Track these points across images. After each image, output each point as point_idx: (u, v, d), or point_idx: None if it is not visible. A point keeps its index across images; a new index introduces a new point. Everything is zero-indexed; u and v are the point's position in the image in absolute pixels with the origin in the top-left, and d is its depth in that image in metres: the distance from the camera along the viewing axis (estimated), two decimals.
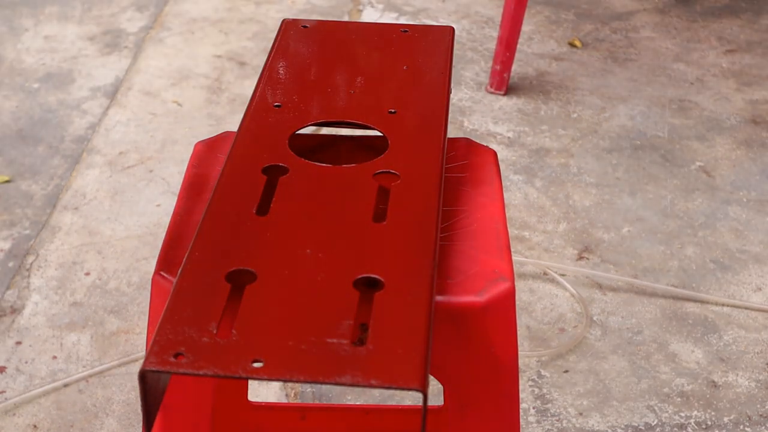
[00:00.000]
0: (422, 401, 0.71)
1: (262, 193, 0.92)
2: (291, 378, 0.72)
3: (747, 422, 1.59)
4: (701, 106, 2.48)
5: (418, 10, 2.91)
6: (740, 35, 2.83)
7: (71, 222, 2.02)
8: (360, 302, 0.79)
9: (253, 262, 0.83)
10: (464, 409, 0.95)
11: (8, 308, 1.79)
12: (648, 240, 2.00)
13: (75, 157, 2.23)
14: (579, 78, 2.59)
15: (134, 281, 1.86)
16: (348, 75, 1.14)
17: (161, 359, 0.73)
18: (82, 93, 2.48)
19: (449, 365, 0.92)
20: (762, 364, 1.71)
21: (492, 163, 1.09)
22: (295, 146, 0.99)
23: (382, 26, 1.25)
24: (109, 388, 1.63)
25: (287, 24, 1.24)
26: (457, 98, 2.48)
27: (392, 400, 1.59)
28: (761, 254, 1.97)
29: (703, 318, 1.80)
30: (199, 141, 1.13)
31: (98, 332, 1.74)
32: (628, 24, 2.87)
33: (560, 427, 1.57)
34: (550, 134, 2.34)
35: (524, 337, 1.74)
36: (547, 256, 1.94)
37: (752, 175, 2.21)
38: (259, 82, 1.11)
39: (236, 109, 2.41)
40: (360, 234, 0.87)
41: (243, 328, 0.76)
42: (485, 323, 0.90)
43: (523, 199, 2.11)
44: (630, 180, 2.18)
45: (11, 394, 1.62)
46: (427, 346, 0.75)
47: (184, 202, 1.02)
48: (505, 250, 0.95)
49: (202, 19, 2.85)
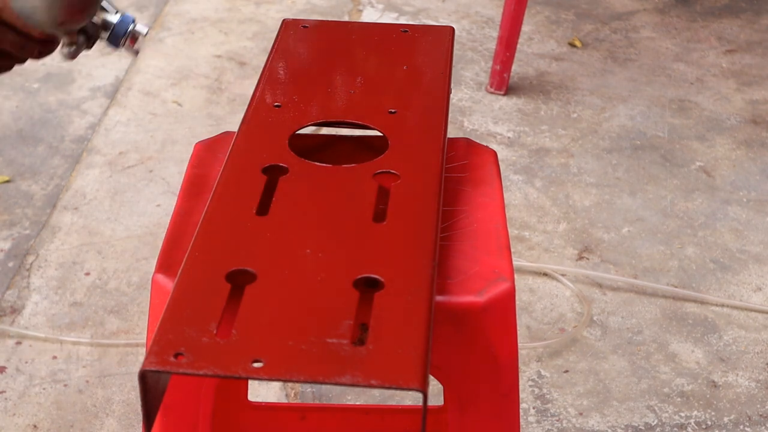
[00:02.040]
0: (422, 401, 0.71)
1: (262, 193, 0.92)
2: (291, 378, 0.72)
3: (747, 422, 1.59)
4: (701, 106, 2.48)
5: (418, 10, 2.92)
6: (740, 35, 2.83)
7: (71, 222, 2.02)
8: (360, 302, 0.79)
9: (253, 262, 0.83)
10: (464, 409, 0.95)
11: (8, 308, 1.79)
12: (648, 240, 2.00)
13: (75, 157, 2.23)
14: (579, 78, 2.59)
15: (134, 281, 1.86)
16: (348, 75, 1.14)
17: (161, 359, 0.73)
18: (82, 93, 2.48)
19: (449, 365, 0.92)
20: (762, 364, 1.71)
21: (492, 163, 1.09)
22: (295, 146, 0.99)
23: (382, 26, 1.25)
24: (109, 388, 1.63)
25: (287, 24, 1.24)
26: (457, 98, 2.48)
27: (392, 400, 1.59)
28: (761, 254, 1.97)
29: (703, 318, 1.80)
30: (199, 141, 1.13)
31: (98, 332, 1.74)
32: (628, 24, 2.87)
33: (560, 427, 1.57)
34: (550, 134, 2.34)
35: (524, 337, 1.74)
36: (547, 256, 1.94)
37: (752, 175, 2.22)
38: (259, 82, 1.11)
39: (236, 109, 2.41)
40: (360, 234, 0.87)
41: (243, 328, 0.76)
42: (485, 323, 0.90)
43: (523, 199, 2.11)
44: (630, 180, 2.18)
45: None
46: (427, 346, 0.75)
47: (184, 202, 1.02)
48: (505, 250, 0.95)
49: (202, 19, 2.85)
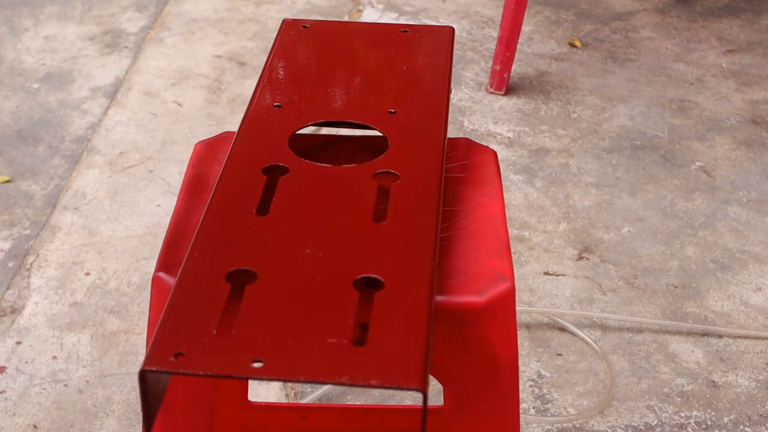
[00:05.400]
0: (422, 401, 0.71)
1: (262, 193, 0.92)
2: (291, 378, 0.72)
3: (747, 422, 1.59)
4: (701, 106, 2.48)
5: (418, 10, 2.92)
6: (740, 35, 2.83)
7: (71, 222, 2.02)
8: (360, 302, 0.79)
9: (253, 262, 0.83)
10: (464, 409, 0.95)
11: (8, 308, 1.79)
12: (648, 240, 2.00)
13: (75, 157, 2.23)
14: (579, 78, 2.59)
15: (134, 281, 1.86)
16: (348, 75, 1.14)
17: (161, 359, 0.73)
18: (82, 93, 2.48)
19: (449, 365, 0.92)
20: (762, 364, 1.71)
21: (492, 163, 1.09)
22: (295, 146, 0.99)
23: (382, 26, 1.25)
24: (109, 388, 1.63)
25: (287, 24, 1.24)
26: (457, 98, 2.48)
27: (392, 400, 1.59)
28: (761, 254, 1.97)
29: (703, 318, 1.80)
30: (199, 141, 1.13)
31: (98, 332, 1.74)
32: (628, 24, 2.87)
33: (560, 427, 1.57)
34: (550, 134, 2.34)
35: (524, 337, 1.74)
36: (547, 256, 1.94)
37: (752, 175, 2.21)
38: (259, 82, 1.11)
39: (236, 109, 2.41)
40: (360, 234, 0.87)
41: (243, 328, 0.76)
42: (485, 323, 0.90)
43: (523, 199, 2.11)
44: (630, 180, 2.18)
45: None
46: (427, 346, 0.75)
47: (184, 202, 1.02)
48: (505, 250, 0.95)
49: (202, 20, 2.85)
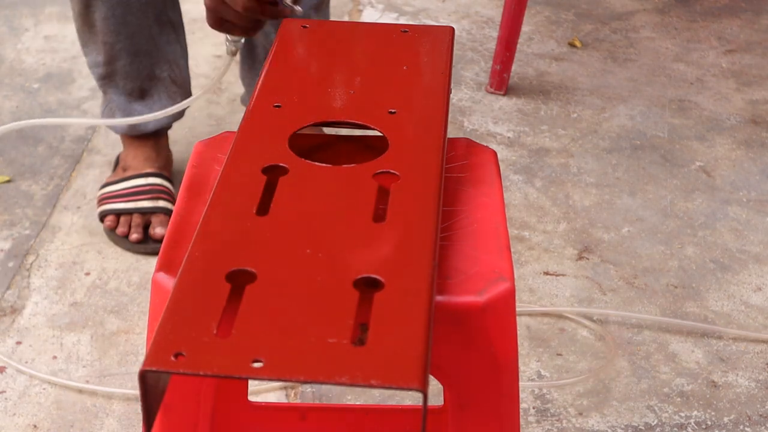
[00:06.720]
0: (422, 401, 0.71)
1: (262, 193, 0.92)
2: (291, 378, 0.72)
3: (747, 422, 1.59)
4: (701, 106, 2.48)
5: (418, 10, 2.92)
6: (740, 35, 2.83)
7: (71, 222, 2.02)
8: (360, 302, 0.79)
9: (253, 262, 0.83)
10: (464, 409, 0.95)
11: (8, 308, 1.79)
12: (648, 240, 2.00)
13: (75, 157, 2.23)
14: (579, 78, 2.59)
15: (134, 281, 1.86)
16: (348, 75, 1.14)
17: (161, 359, 0.73)
18: (82, 93, 2.48)
19: (449, 365, 0.92)
20: (762, 364, 1.71)
21: (492, 163, 1.09)
22: (295, 146, 0.99)
23: (382, 26, 1.25)
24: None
25: (287, 24, 1.24)
26: (457, 98, 2.48)
27: (392, 400, 1.59)
28: (761, 254, 1.97)
29: (703, 318, 1.80)
30: (199, 141, 1.13)
31: (98, 332, 1.74)
32: (628, 24, 2.87)
33: (560, 427, 1.57)
34: (550, 134, 2.34)
35: (524, 337, 1.74)
36: (547, 256, 1.94)
37: (752, 175, 2.21)
38: (258, 82, 1.11)
39: (236, 109, 2.41)
40: (360, 234, 0.87)
41: (243, 328, 0.76)
42: (485, 323, 0.90)
43: (523, 199, 2.11)
44: (630, 180, 2.18)
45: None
46: (427, 346, 0.75)
47: (184, 202, 1.02)
48: (505, 250, 0.95)
49: (202, 20, 2.84)
